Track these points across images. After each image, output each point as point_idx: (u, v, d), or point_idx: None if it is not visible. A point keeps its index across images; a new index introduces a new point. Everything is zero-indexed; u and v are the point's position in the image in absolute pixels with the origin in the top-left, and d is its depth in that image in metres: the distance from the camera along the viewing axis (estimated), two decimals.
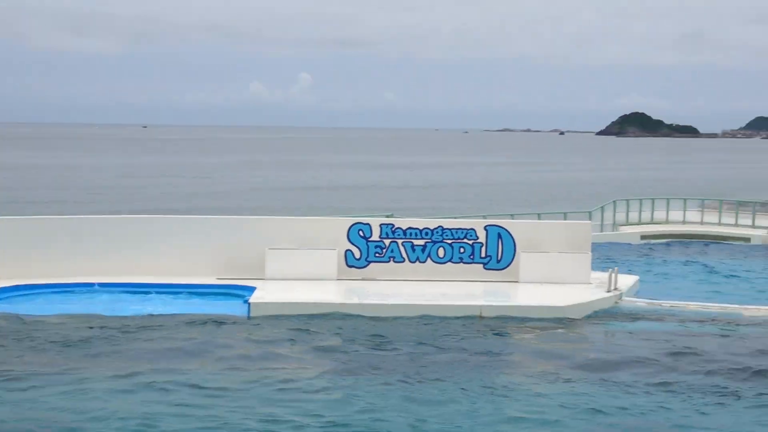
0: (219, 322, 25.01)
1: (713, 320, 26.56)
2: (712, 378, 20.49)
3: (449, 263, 30.71)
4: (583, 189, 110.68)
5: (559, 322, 26.02)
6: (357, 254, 30.61)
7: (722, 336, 24.72)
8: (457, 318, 25.90)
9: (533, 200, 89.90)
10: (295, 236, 30.55)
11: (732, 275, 35.94)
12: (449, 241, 30.74)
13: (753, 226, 46.22)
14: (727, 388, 19.73)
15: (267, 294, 27.56)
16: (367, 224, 30.91)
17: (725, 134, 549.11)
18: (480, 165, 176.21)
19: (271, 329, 24.44)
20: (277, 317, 25.74)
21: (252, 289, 28.17)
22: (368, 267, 30.60)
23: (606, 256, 37.66)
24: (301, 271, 29.85)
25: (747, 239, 45.00)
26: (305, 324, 25.01)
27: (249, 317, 25.90)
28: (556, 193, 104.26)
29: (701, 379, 20.41)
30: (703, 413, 18.10)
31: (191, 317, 25.42)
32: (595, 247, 35.21)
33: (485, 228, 31.01)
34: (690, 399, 18.93)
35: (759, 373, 20.94)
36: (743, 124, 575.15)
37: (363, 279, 30.32)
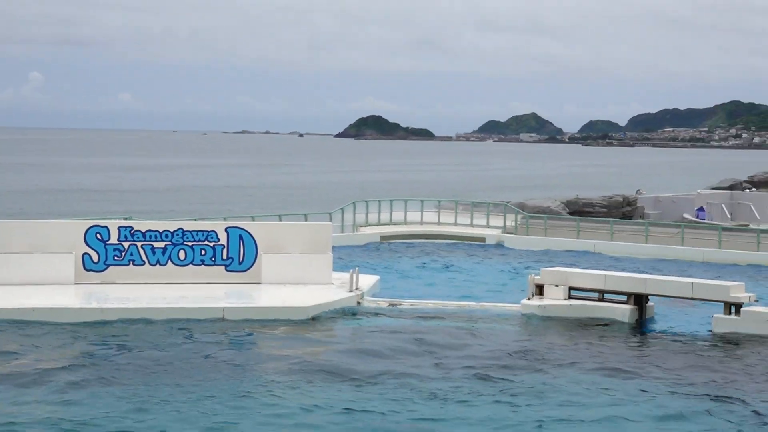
0: None
1: (452, 317, 27.19)
2: (453, 374, 20.94)
3: (190, 265, 30.33)
4: (323, 191, 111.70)
5: (301, 322, 26.09)
6: (95, 258, 29.83)
7: (460, 332, 25.31)
8: (199, 321, 25.60)
9: (274, 202, 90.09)
10: (28, 240, 29.52)
11: (468, 273, 36.92)
12: (190, 244, 30.35)
13: (487, 226, 47.63)
14: (465, 383, 20.21)
15: None
16: (105, 227, 30.17)
17: (459, 137, 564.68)
18: (219, 167, 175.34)
19: (3, 336, 23.52)
20: (9, 323, 24.77)
21: None
22: (107, 270, 29.87)
23: (347, 257, 38.03)
24: (36, 276, 28.87)
25: (482, 239, 46.32)
26: (41, 330, 24.19)
27: None
28: (296, 194, 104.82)
29: (442, 375, 20.83)
30: (442, 409, 18.47)
31: None
32: (336, 247, 35.53)
33: (226, 230, 30.78)
34: (433, 396, 19.28)
35: (496, 367, 21.55)
36: (476, 128, 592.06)
37: (102, 283, 29.59)
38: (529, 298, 28.38)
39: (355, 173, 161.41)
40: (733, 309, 26.34)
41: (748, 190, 66.86)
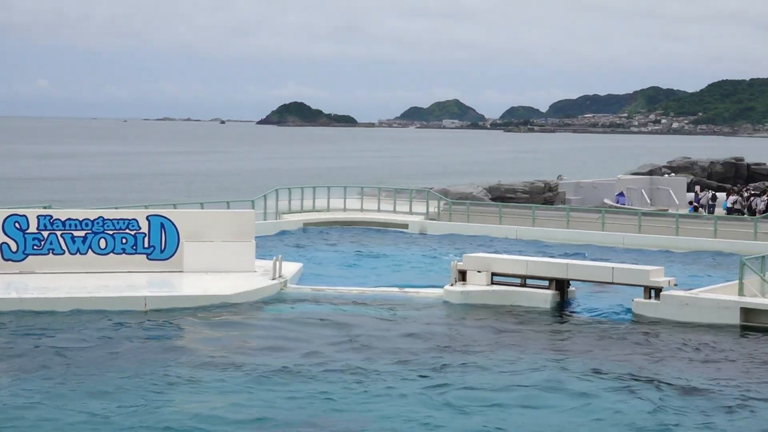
0: None
1: (375, 304, 27.22)
2: (376, 361, 20.98)
3: (111, 254, 30.02)
4: (246, 178, 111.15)
5: (225, 310, 25.96)
6: (14, 247, 29.40)
7: (383, 319, 25.38)
8: (121, 310, 25.36)
9: (196, 189, 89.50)
10: None
11: (391, 260, 36.98)
12: (111, 232, 30.04)
13: (410, 213, 47.73)
14: (389, 370, 20.26)
15: None
16: (24, 216, 29.76)
17: (382, 123, 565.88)
18: (141, 155, 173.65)
19: None
20: None
21: None
22: (26, 260, 29.46)
23: (270, 244, 37.90)
24: None
25: (405, 225, 46.43)
26: None
27: None
28: (218, 182, 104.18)
29: (366, 362, 20.85)
30: (366, 396, 18.49)
31: None
32: (259, 235, 35.41)
33: (148, 218, 30.52)
34: (357, 383, 19.30)
35: (419, 353, 21.63)
36: (398, 114, 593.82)
37: (21, 272, 29.18)
38: (452, 284, 28.51)
39: (277, 160, 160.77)
40: (653, 293, 26.71)
41: (667, 176, 67.71)
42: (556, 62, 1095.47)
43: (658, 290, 26.64)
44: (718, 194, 57.82)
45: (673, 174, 69.75)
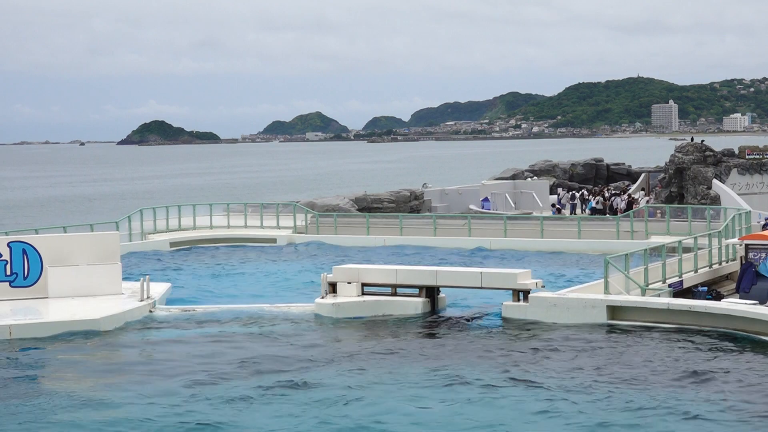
0: None
1: (246, 320, 26.98)
2: (249, 378, 20.84)
3: None
4: (109, 200, 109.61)
5: (93, 335, 25.46)
6: None
7: (255, 336, 25.18)
8: None
9: (58, 214, 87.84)
10: None
11: (261, 275, 36.76)
12: None
13: (278, 227, 47.48)
14: (264, 386, 20.12)
15: None
16: None
17: (245, 139, 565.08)
18: None
19: None
20: None
21: None
22: None
23: (137, 265, 37.36)
24: None
25: (273, 240, 46.19)
26: None
27: None
28: (81, 205, 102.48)
29: (245, 378, 20.71)
30: (240, 414, 18.35)
31: None
32: (125, 256, 34.87)
33: (9, 245, 29.79)
34: (231, 400, 19.14)
35: (294, 367, 21.53)
36: (261, 129, 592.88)
37: None
38: (322, 297, 28.41)
39: (140, 180, 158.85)
40: (521, 296, 27.02)
41: (529, 179, 68.71)
42: (418, 71, 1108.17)
43: (526, 293, 26.96)
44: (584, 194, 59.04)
45: (535, 177, 70.81)
